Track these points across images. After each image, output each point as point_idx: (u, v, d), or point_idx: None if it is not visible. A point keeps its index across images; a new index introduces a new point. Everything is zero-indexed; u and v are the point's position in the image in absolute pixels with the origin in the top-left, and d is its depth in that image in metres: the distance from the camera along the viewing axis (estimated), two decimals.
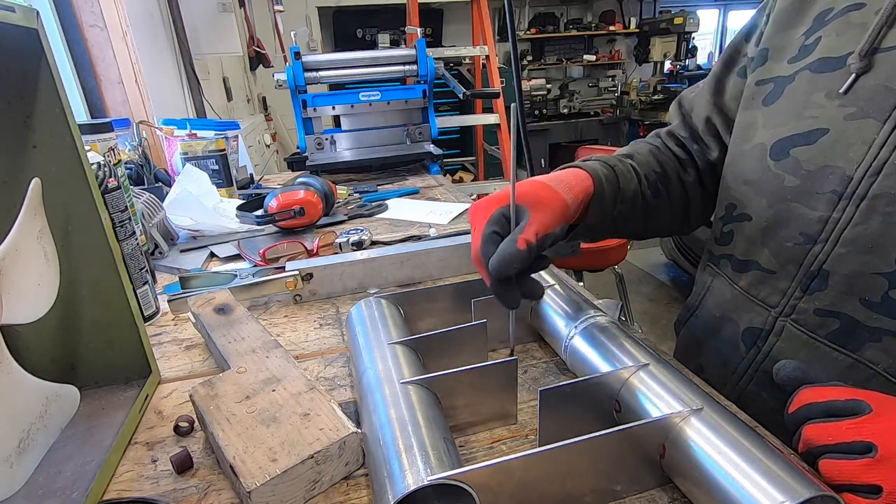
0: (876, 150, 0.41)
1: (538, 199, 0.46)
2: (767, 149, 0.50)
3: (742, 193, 0.54)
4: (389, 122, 1.57)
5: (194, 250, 0.91)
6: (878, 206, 0.41)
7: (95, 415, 0.46)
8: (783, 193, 0.48)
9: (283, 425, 0.40)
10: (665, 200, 0.60)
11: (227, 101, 2.60)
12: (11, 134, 0.41)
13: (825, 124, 0.45)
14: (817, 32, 0.48)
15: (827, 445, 0.34)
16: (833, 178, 0.44)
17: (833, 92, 0.45)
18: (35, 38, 0.39)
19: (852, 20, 0.45)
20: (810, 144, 0.46)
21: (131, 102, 1.53)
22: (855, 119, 0.43)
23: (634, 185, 0.56)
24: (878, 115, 0.42)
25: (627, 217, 0.56)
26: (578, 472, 0.35)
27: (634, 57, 5.71)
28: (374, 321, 0.50)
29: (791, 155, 0.47)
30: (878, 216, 0.42)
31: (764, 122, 0.51)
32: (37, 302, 0.41)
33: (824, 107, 0.45)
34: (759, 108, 0.52)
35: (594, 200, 0.52)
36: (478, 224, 0.46)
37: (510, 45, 0.97)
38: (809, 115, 0.46)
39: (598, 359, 0.44)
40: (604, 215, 0.53)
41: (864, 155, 0.42)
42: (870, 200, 0.42)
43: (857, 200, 0.43)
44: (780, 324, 0.50)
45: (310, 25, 4.19)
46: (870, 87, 0.42)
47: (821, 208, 0.45)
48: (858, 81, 0.43)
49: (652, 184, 0.58)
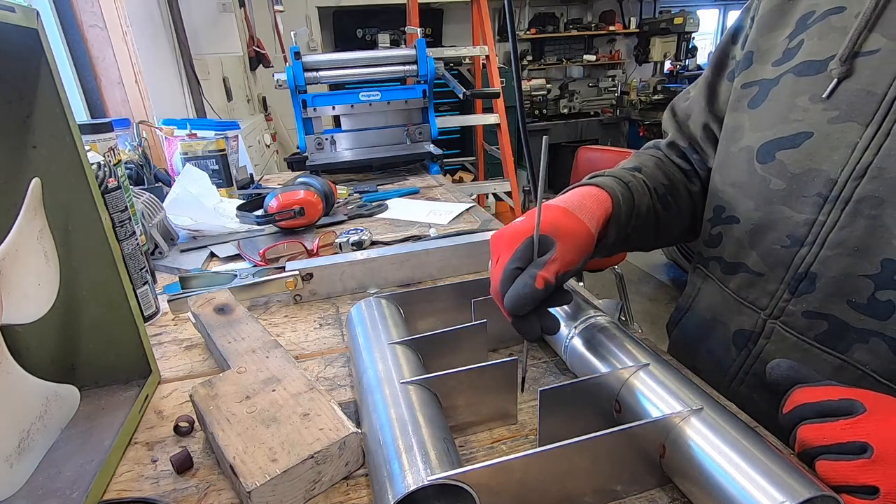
0: (859, 154, 0.42)
1: (564, 230, 0.44)
2: (754, 151, 0.50)
3: (730, 196, 0.54)
4: (389, 122, 1.57)
5: (194, 250, 0.91)
6: (863, 210, 0.42)
7: (95, 415, 0.46)
8: (770, 196, 0.49)
9: (283, 425, 0.40)
10: (675, 212, 0.59)
11: (227, 101, 2.60)
12: (11, 134, 0.41)
13: (810, 128, 0.45)
14: (800, 35, 0.48)
15: (823, 447, 0.34)
16: (818, 181, 0.45)
17: (816, 96, 0.45)
18: (35, 38, 0.39)
19: (833, 24, 0.46)
20: (795, 147, 0.46)
21: (131, 102, 1.53)
22: (838, 123, 0.43)
23: (647, 201, 0.55)
24: (860, 118, 0.42)
25: (640, 231, 0.55)
26: (578, 472, 0.35)
27: (634, 57, 5.70)
28: (374, 321, 0.50)
29: (777, 158, 0.48)
30: (862, 219, 0.42)
31: (750, 125, 0.52)
32: (37, 302, 0.41)
33: (808, 110, 0.46)
34: (745, 110, 0.53)
35: (612, 220, 0.51)
36: (500, 256, 0.45)
37: (510, 45, 0.98)
38: (794, 118, 0.47)
39: (598, 359, 0.44)
40: (619, 233, 0.52)
41: (847, 158, 0.43)
42: (854, 203, 0.42)
43: (841, 203, 0.43)
44: (770, 326, 0.50)
45: (310, 25, 4.19)
46: (852, 91, 0.43)
47: (807, 211, 0.46)
48: (841, 86, 0.43)
49: (661, 197, 0.58)
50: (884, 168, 0.40)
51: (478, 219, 1.01)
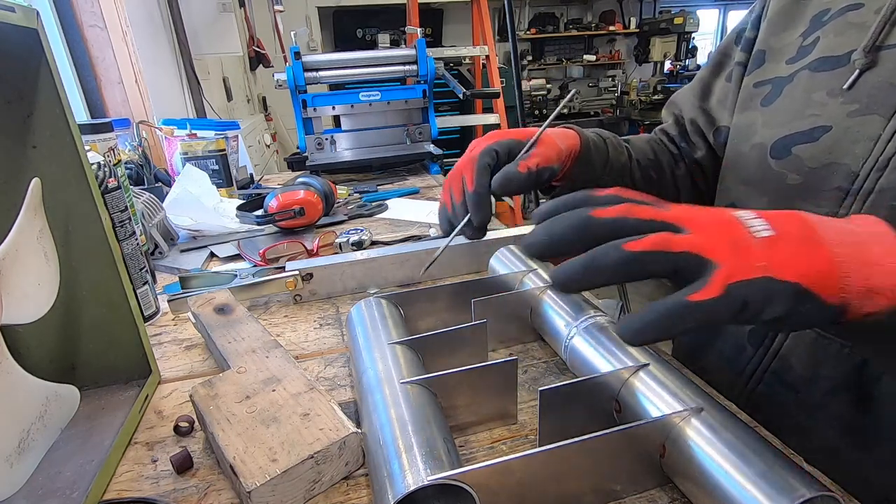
0: (882, 146, 0.42)
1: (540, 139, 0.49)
2: (767, 148, 0.50)
3: (742, 193, 0.54)
4: (389, 122, 1.57)
5: (194, 250, 0.91)
6: (884, 200, 0.42)
7: (95, 415, 0.46)
8: (786, 192, 0.48)
9: (283, 425, 0.40)
10: (655, 187, 0.61)
11: (227, 101, 2.60)
12: (11, 134, 0.41)
13: (828, 122, 0.45)
14: (815, 33, 0.49)
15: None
16: (838, 174, 0.44)
17: (835, 90, 0.45)
18: (35, 38, 0.39)
19: (851, 20, 0.46)
20: (813, 142, 0.46)
21: (131, 102, 1.53)
22: (859, 115, 0.43)
23: (625, 160, 0.58)
24: (882, 111, 0.42)
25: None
26: (578, 472, 0.35)
27: (634, 57, 5.71)
28: (374, 321, 0.50)
29: (793, 153, 0.48)
30: (883, 210, 0.42)
31: (763, 123, 0.52)
32: (37, 302, 0.41)
33: (826, 104, 0.45)
34: (757, 109, 0.53)
35: (581, 159, 0.54)
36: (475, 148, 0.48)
37: (510, 45, 0.98)
38: (811, 112, 0.46)
39: (598, 359, 0.44)
40: (589, 179, 0.55)
41: (870, 151, 0.42)
42: (876, 195, 0.42)
43: (863, 196, 0.43)
44: None
45: (310, 25, 4.19)
46: (874, 84, 0.43)
47: (826, 205, 0.45)
48: (862, 78, 0.43)
49: (643, 168, 0.60)
50: None
51: None
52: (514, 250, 0.64)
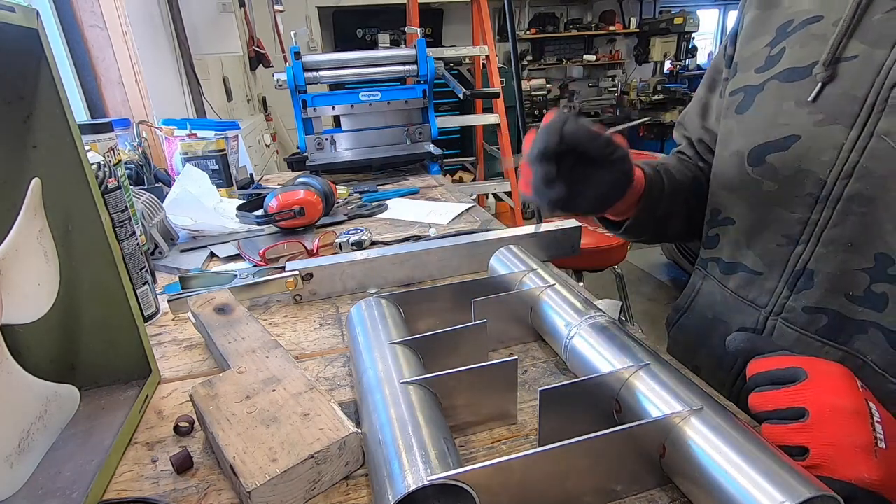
0: (846, 155, 0.44)
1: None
2: (745, 155, 0.52)
3: (725, 198, 0.56)
4: (389, 122, 1.57)
5: (194, 250, 0.91)
6: (853, 207, 0.44)
7: (95, 415, 0.46)
8: (763, 198, 0.51)
9: (283, 425, 0.40)
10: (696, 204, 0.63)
11: (227, 101, 2.60)
12: (11, 134, 0.41)
13: (797, 131, 0.47)
14: (781, 43, 0.51)
15: (768, 412, 0.37)
16: (808, 181, 0.47)
17: (802, 100, 0.47)
18: (35, 38, 0.39)
19: (813, 31, 0.48)
20: (784, 150, 0.48)
21: (131, 102, 1.53)
22: (824, 125, 0.45)
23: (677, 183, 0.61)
24: (844, 121, 0.44)
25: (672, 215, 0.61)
26: (578, 472, 0.35)
27: (634, 57, 5.71)
28: (374, 321, 0.50)
29: (767, 161, 0.50)
30: (853, 216, 0.44)
31: (739, 130, 0.54)
32: (37, 302, 0.41)
33: (795, 114, 0.47)
34: (733, 116, 0.55)
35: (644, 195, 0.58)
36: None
37: (510, 45, 0.98)
38: (782, 122, 0.48)
39: (598, 359, 0.44)
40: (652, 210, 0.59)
41: (835, 159, 0.45)
42: (845, 202, 0.44)
43: (832, 202, 0.45)
44: (772, 323, 0.52)
45: (310, 25, 4.19)
46: (835, 95, 0.45)
47: (799, 211, 0.48)
48: (825, 90, 0.45)
49: (687, 188, 0.63)
50: (870, 168, 0.42)
51: (478, 219, 1.01)
52: (515, 250, 0.64)
